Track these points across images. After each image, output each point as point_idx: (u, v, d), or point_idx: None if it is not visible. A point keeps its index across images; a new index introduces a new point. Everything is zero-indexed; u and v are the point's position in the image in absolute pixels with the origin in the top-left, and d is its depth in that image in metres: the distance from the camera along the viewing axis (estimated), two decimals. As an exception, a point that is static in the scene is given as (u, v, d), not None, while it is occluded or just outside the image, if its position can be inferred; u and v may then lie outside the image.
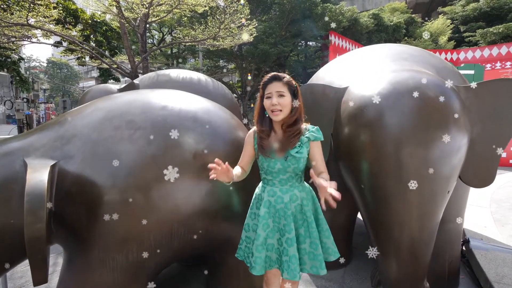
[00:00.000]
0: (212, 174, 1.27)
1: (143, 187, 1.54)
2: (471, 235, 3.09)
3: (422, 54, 2.30)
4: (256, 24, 10.11)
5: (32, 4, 7.57)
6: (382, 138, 1.66)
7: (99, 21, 12.31)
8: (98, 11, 9.86)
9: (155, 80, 3.94)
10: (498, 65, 11.78)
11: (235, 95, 16.14)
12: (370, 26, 16.18)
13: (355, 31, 15.60)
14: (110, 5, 8.53)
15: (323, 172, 1.49)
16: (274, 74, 1.52)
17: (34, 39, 9.21)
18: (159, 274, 2.39)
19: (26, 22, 7.80)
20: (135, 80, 3.87)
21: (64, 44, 11.05)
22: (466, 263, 2.66)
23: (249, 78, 15.20)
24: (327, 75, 2.54)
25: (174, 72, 4.07)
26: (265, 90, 1.50)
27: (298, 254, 1.44)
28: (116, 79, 15.67)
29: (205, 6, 8.80)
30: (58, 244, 1.68)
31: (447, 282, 2.23)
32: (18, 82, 14.62)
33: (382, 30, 17.11)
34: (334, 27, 13.65)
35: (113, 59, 10.70)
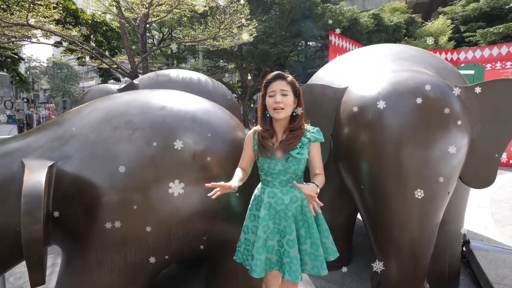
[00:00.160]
0: (213, 194, 1.29)
1: (141, 188, 1.53)
2: (471, 235, 3.09)
3: (422, 54, 2.29)
4: (256, 24, 10.10)
5: (32, 4, 7.56)
6: (382, 139, 1.65)
7: (99, 21, 12.31)
8: (98, 11, 9.86)
9: (155, 80, 3.93)
10: (499, 65, 11.76)
11: (235, 95, 16.14)
12: (370, 26, 16.17)
13: (355, 31, 15.59)
14: (110, 5, 8.53)
15: (318, 174, 1.48)
16: (278, 72, 1.50)
17: (34, 39, 9.20)
18: (159, 274, 2.39)
19: (26, 22, 7.80)
20: (135, 80, 3.86)
21: (64, 44, 11.05)
22: (466, 264, 2.65)
23: (249, 78, 15.19)
24: (327, 75, 2.53)
25: (174, 72, 4.06)
26: (267, 89, 1.48)
27: (299, 255, 1.43)
28: (116, 79, 15.66)
29: (205, 6, 8.79)
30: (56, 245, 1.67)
31: (447, 283, 2.22)
32: (18, 82, 14.62)
33: (382, 30, 17.11)
34: (335, 29, 13.64)
35: (113, 59, 10.69)
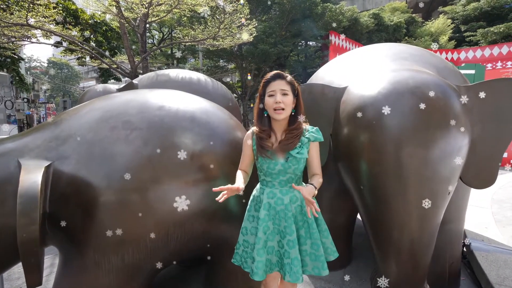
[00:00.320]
0: (220, 197, 1.29)
1: (139, 189, 1.52)
2: (472, 236, 3.07)
3: (422, 54, 2.28)
4: (256, 24, 10.08)
5: (31, 4, 7.55)
6: (382, 138, 1.64)
7: (99, 21, 12.30)
8: (98, 11, 9.85)
9: (155, 80, 3.93)
10: (499, 64, 11.74)
11: (235, 95, 16.13)
12: (371, 26, 16.14)
13: (355, 31, 15.57)
14: (110, 5, 8.52)
15: (315, 175, 1.48)
16: (278, 72, 1.48)
17: (34, 39, 9.20)
18: (158, 274, 2.38)
19: (25, 22, 7.79)
20: (134, 80, 3.85)
21: (64, 44, 11.04)
22: (467, 264, 2.64)
23: (249, 78, 15.18)
24: (326, 75, 2.52)
25: (173, 72, 4.05)
26: (266, 88, 1.46)
27: (300, 256, 1.42)
28: (117, 79, 15.66)
29: (204, 6, 8.78)
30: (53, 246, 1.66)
31: (447, 284, 2.21)
32: (17, 83, 14.62)
33: (382, 30, 17.08)
34: (335, 27, 13.62)
35: (113, 59, 10.69)
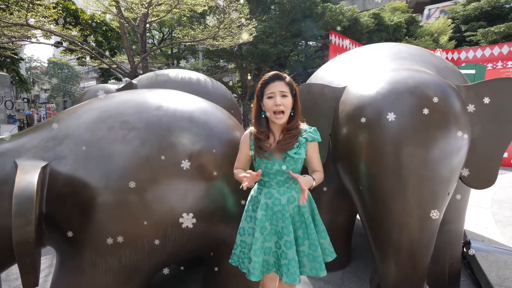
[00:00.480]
0: (245, 183, 1.30)
1: (136, 189, 1.51)
2: (472, 236, 3.06)
3: (422, 54, 2.27)
4: (255, 23, 10.07)
5: (31, 4, 7.55)
6: (381, 138, 1.63)
7: (99, 21, 12.30)
8: (98, 11, 9.85)
9: (154, 80, 3.92)
10: (500, 64, 11.73)
11: (235, 95, 16.12)
12: (371, 26, 16.12)
13: (355, 31, 15.55)
14: (110, 5, 8.51)
15: (316, 171, 1.49)
16: (276, 73, 1.47)
17: (34, 39, 9.19)
18: (157, 275, 2.37)
19: (25, 22, 7.79)
20: (134, 80, 3.84)
21: (64, 44, 11.04)
22: (467, 265, 2.62)
23: (249, 78, 15.17)
24: (326, 75, 2.51)
25: (173, 72, 4.04)
26: (265, 90, 1.44)
27: (297, 257, 1.41)
28: (117, 79, 15.67)
29: (204, 6, 8.77)
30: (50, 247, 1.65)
31: (447, 284, 2.20)
32: (17, 83, 14.63)
33: (382, 30, 17.06)
34: (336, 28, 13.60)
35: (112, 59, 10.68)
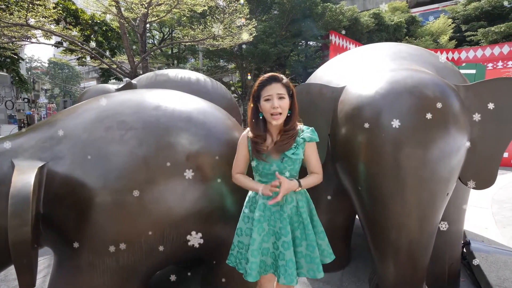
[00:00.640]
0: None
1: (134, 189, 1.50)
2: (471, 236, 3.05)
3: (421, 53, 2.26)
4: (255, 23, 10.07)
5: (31, 4, 7.55)
6: (379, 138, 1.62)
7: (99, 21, 12.31)
8: (98, 11, 9.85)
9: (153, 80, 3.92)
10: (500, 64, 11.72)
11: (235, 95, 16.13)
12: (371, 26, 16.11)
13: (355, 31, 15.54)
14: (110, 5, 8.52)
15: (313, 173, 1.50)
16: (273, 74, 1.46)
17: (34, 40, 9.20)
18: (156, 275, 2.36)
19: (25, 23, 7.79)
20: (133, 80, 3.84)
21: (65, 44, 11.05)
22: (466, 265, 2.61)
23: (249, 78, 15.17)
24: (325, 74, 2.50)
25: (172, 72, 4.04)
26: (262, 92, 1.43)
27: (295, 258, 1.41)
28: (118, 79, 15.67)
29: (204, 6, 8.78)
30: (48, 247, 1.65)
31: (447, 285, 2.19)
32: (17, 83, 14.65)
33: (383, 30, 17.05)
34: (336, 27, 13.59)
35: (112, 59, 10.69)
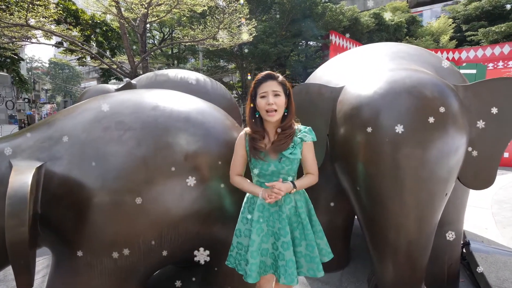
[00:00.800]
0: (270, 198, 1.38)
1: (132, 190, 1.50)
2: (471, 237, 3.04)
3: (421, 53, 2.26)
4: (255, 23, 10.07)
5: (31, 5, 7.56)
6: (378, 138, 1.62)
7: (99, 21, 12.32)
8: (98, 11, 9.86)
9: (153, 80, 3.91)
10: (501, 64, 11.71)
11: (235, 95, 16.13)
12: (371, 26, 16.10)
13: (355, 31, 15.53)
14: (110, 5, 8.52)
15: (309, 174, 1.50)
16: (269, 72, 1.47)
17: (34, 40, 9.21)
18: (154, 275, 2.36)
19: (25, 23, 7.80)
20: (133, 80, 3.84)
21: (65, 44, 11.06)
22: (466, 266, 2.61)
23: (249, 78, 15.18)
24: (324, 74, 2.49)
25: (172, 72, 4.04)
26: (258, 89, 1.45)
27: (295, 258, 1.41)
28: (118, 79, 15.68)
29: (204, 6, 8.78)
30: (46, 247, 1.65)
31: (446, 285, 2.19)
32: (17, 83, 14.66)
33: (383, 30, 17.04)
34: (336, 27, 13.59)
35: (113, 59, 10.69)
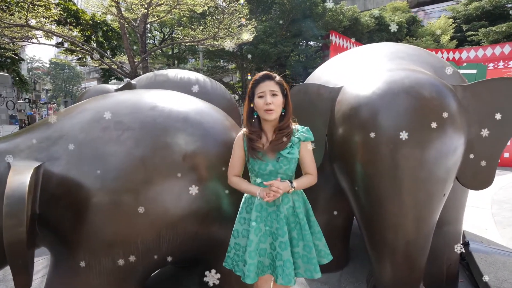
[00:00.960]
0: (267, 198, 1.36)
1: (130, 190, 1.50)
2: (471, 237, 3.04)
3: (420, 53, 2.26)
4: (255, 24, 10.07)
5: (31, 5, 7.56)
6: (376, 139, 1.62)
7: (99, 21, 12.33)
8: (99, 11, 9.87)
9: (153, 80, 3.92)
10: (501, 64, 11.69)
11: (235, 96, 16.13)
12: (371, 26, 16.10)
13: (356, 31, 15.53)
14: (110, 5, 8.53)
15: (307, 174, 1.50)
16: (266, 73, 1.48)
17: (34, 40, 9.22)
18: (153, 275, 2.36)
19: (26, 23, 7.81)
20: (133, 81, 3.84)
21: (66, 44, 11.06)
22: (465, 266, 2.60)
23: (249, 78, 15.19)
24: (323, 74, 2.49)
25: (172, 72, 4.04)
26: (255, 89, 1.46)
27: (292, 258, 1.40)
28: (119, 79, 15.68)
29: (204, 6, 8.78)
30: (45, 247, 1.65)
31: (445, 286, 2.18)
32: (17, 83, 14.68)
33: (383, 30, 17.03)
34: (336, 27, 13.59)
35: (113, 59, 10.70)
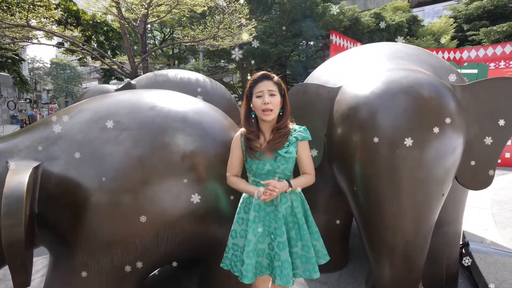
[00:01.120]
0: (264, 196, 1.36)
1: (129, 190, 1.51)
2: (471, 237, 3.03)
3: (419, 53, 2.25)
4: (255, 24, 10.07)
5: (32, 5, 7.58)
6: (375, 139, 1.61)
7: (100, 22, 12.35)
8: (99, 12, 9.88)
9: (153, 80, 3.92)
10: (502, 64, 11.65)
11: (235, 96, 16.13)
12: (372, 26, 16.08)
13: (356, 31, 15.51)
14: (110, 6, 8.54)
15: (305, 174, 1.50)
16: (264, 72, 1.49)
17: (35, 40, 9.23)
18: (152, 275, 2.37)
19: (26, 23, 7.82)
20: (133, 81, 3.84)
21: (66, 45, 11.08)
22: (465, 266, 2.60)
23: (249, 78, 15.19)
24: (323, 74, 2.49)
25: (172, 72, 4.05)
26: (253, 89, 1.46)
27: (290, 258, 1.40)
28: (119, 79, 15.70)
29: (204, 6, 8.78)
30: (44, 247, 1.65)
31: (445, 286, 2.18)
32: (18, 83, 14.71)
33: (384, 30, 17.01)
34: (337, 27, 13.57)
35: (113, 59, 10.71)
